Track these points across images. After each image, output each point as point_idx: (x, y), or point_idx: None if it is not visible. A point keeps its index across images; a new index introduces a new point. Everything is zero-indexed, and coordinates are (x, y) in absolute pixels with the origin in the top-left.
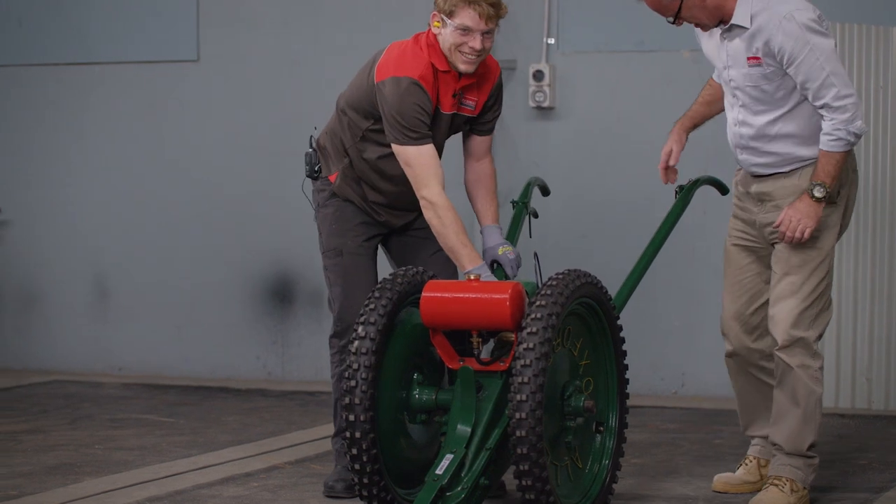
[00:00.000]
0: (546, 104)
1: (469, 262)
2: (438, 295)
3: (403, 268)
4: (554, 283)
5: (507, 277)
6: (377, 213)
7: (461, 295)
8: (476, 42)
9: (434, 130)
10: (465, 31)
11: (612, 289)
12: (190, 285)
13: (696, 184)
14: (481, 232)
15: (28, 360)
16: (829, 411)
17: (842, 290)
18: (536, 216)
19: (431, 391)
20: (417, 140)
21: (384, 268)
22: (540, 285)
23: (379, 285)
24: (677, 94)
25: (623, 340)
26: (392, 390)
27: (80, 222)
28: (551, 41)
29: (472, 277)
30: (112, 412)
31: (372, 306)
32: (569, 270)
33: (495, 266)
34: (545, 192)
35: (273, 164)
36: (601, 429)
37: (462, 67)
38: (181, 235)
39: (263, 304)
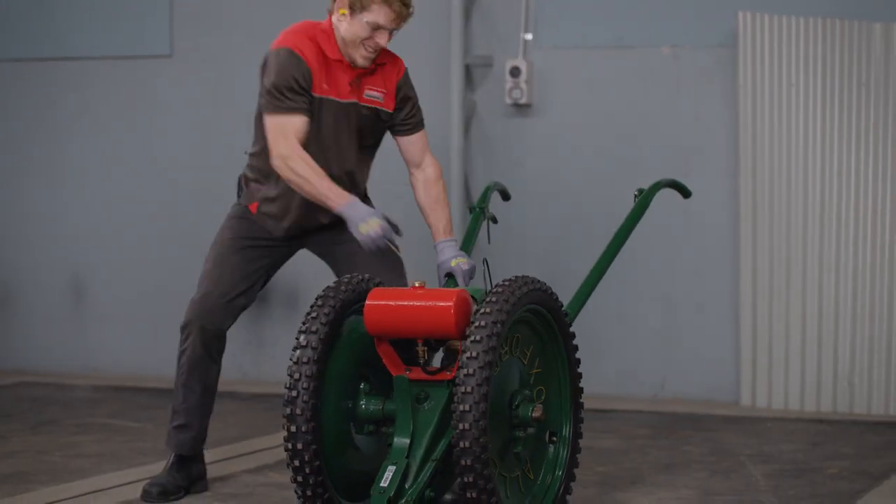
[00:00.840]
0: (523, 101)
1: (338, 199)
2: (382, 303)
3: (348, 275)
4: (500, 290)
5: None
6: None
7: (405, 303)
8: (383, 39)
9: (325, 117)
10: (376, 27)
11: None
12: (165, 285)
13: (655, 187)
14: (435, 247)
15: (0, 361)
16: (811, 416)
17: (823, 294)
18: (496, 221)
19: (378, 401)
20: (285, 110)
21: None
22: None
23: (322, 293)
24: (657, 90)
25: (576, 348)
26: (337, 400)
27: (56, 221)
28: (529, 37)
29: (417, 285)
30: (78, 416)
31: (314, 315)
32: (516, 277)
33: (446, 279)
34: (505, 196)
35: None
36: (554, 439)
37: (360, 61)
38: (157, 235)
39: None
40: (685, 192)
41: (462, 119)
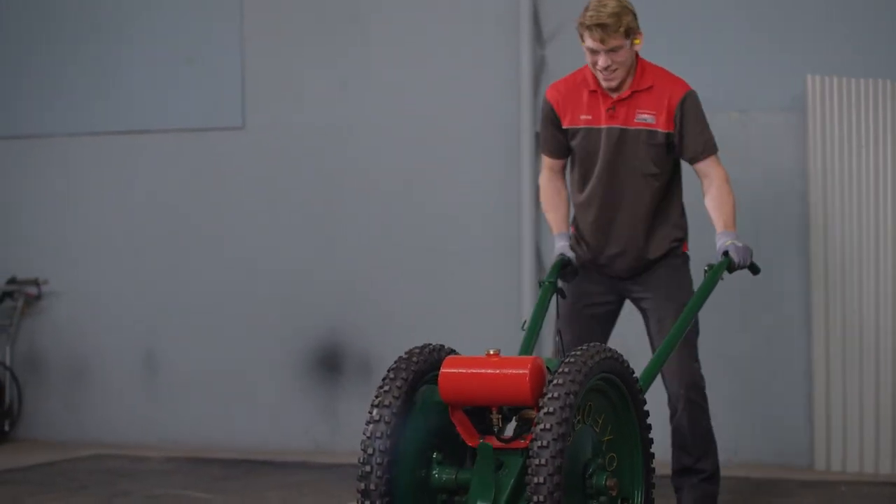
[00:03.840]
0: None
1: (554, 228)
2: (457, 371)
3: (420, 345)
4: (572, 359)
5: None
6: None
7: (480, 371)
8: (601, 60)
9: (585, 143)
10: (592, 52)
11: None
12: (239, 359)
13: (723, 264)
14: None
15: (74, 434)
16: (885, 479)
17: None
18: (564, 296)
19: (452, 470)
20: (542, 150)
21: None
22: None
23: (394, 365)
24: (727, 155)
25: (647, 414)
26: (411, 471)
27: (127, 294)
28: None
29: (491, 353)
30: (150, 487)
31: (387, 388)
32: (588, 346)
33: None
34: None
35: (319, 234)
36: None
37: (604, 84)
38: (229, 308)
39: (312, 375)
40: (754, 269)
41: (533, 189)
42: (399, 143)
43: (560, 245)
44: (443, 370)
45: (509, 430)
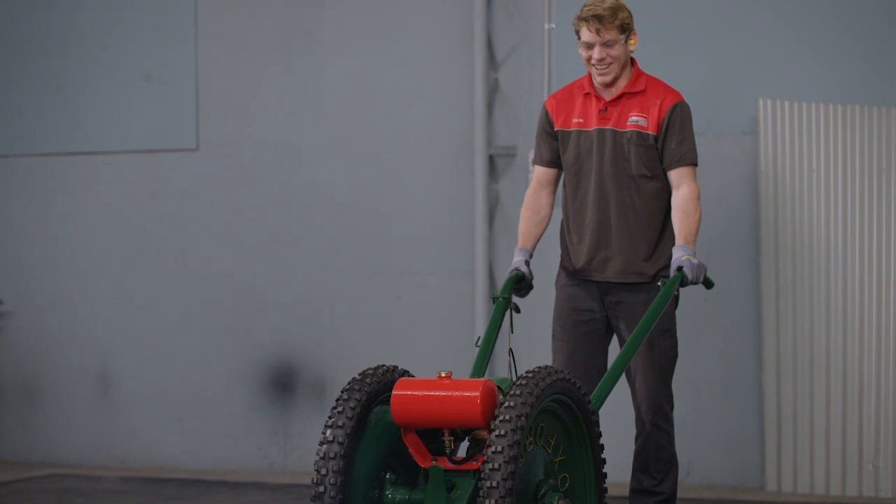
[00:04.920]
0: None
1: (519, 241)
2: (409, 393)
3: (374, 366)
4: (523, 381)
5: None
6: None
7: (431, 393)
8: (596, 52)
9: (576, 146)
10: (587, 46)
11: None
12: (192, 377)
13: (676, 278)
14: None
15: (29, 453)
16: (836, 500)
17: (847, 377)
18: (518, 311)
19: (405, 491)
20: (534, 160)
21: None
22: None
23: (347, 385)
24: None
25: (600, 434)
26: (364, 491)
27: (82, 314)
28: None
29: (443, 375)
30: None
31: (340, 409)
32: (539, 368)
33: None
34: (529, 286)
35: (273, 253)
36: None
37: (599, 79)
38: (183, 326)
39: (266, 394)
40: (708, 284)
41: (486, 209)
42: (352, 161)
43: (517, 260)
44: (394, 392)
45: (462, 449)
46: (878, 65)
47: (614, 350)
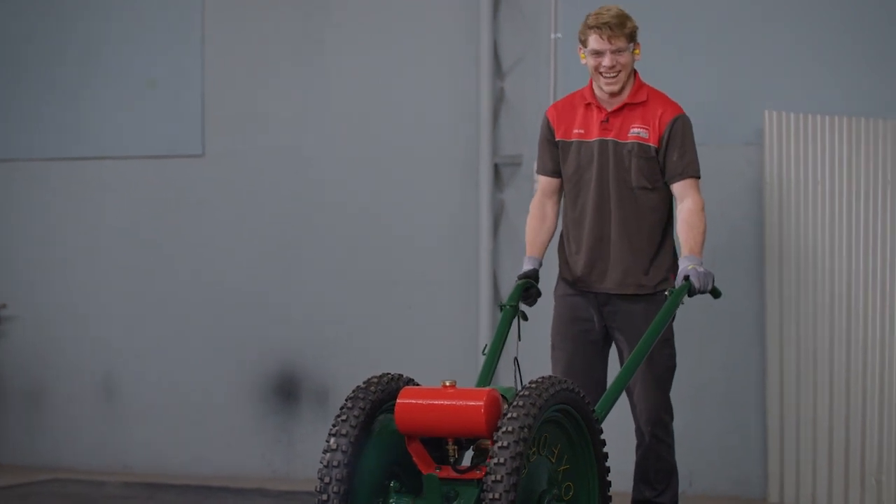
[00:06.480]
0: None
1: (527, 251)
2: (413, 402)
3: (378, 374)
4: (527, 392)
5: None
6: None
7: (435, 402)
8: (606, 60)
9: (577, 156)
10: (597, 54)
11: None
12: (197, 384)
13: (683, 288)
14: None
15: (33, 458)
16: None
17: (851, 389)
18: (526, 318)
19: (409, 499)
20: (538, 170)
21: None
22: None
23: (352, 394)
24: None
25: (604, 443)
26: (367, 500)
27: (87, 319)
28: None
29: (447, 384)
30: None
31: (344, 417)
32: (543, 378)
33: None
34: (537, 293)
35: (278, 260)
36: None
37: (607, 87)
38: (188, 333)
39: (270, 401)
40: (715, 294)
41: (491, 217)
42: (359, 170)
43: (526, 268)
44: (399, 401)
45: (467, 458)
46: (884, 77)
47: (613, 359)
